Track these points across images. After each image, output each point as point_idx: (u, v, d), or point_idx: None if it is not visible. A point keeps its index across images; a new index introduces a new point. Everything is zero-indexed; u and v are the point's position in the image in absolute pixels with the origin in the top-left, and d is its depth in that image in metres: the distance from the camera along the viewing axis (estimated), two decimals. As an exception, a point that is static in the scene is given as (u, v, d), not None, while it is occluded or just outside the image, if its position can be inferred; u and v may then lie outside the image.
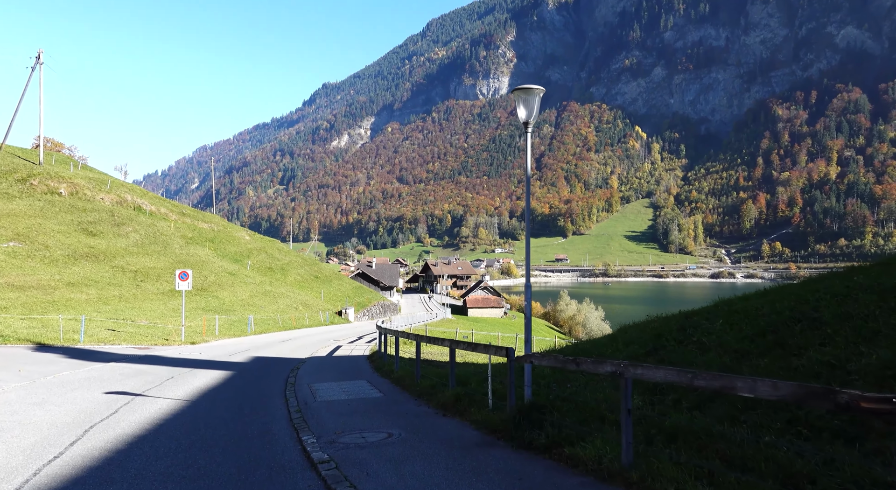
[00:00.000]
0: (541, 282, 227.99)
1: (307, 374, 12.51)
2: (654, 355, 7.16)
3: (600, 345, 9.02)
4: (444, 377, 9.37)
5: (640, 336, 8.63)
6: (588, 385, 6.95)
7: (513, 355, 6.07)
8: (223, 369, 13.24)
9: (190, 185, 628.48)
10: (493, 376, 8.92)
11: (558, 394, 6.73)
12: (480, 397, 7.19)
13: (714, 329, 7.16)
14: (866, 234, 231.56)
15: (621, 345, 8.50)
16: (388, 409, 7.95)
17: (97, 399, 8.90)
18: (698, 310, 8.93)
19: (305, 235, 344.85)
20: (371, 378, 11.66)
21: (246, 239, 59.95)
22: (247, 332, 28.24)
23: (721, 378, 3.63)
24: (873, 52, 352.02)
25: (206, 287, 40.69)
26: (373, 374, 12.33)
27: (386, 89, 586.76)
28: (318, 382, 11.04)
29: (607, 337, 9.90)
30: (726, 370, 5.72)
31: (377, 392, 9.65)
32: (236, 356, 16.75)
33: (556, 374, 7.68)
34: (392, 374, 11.31)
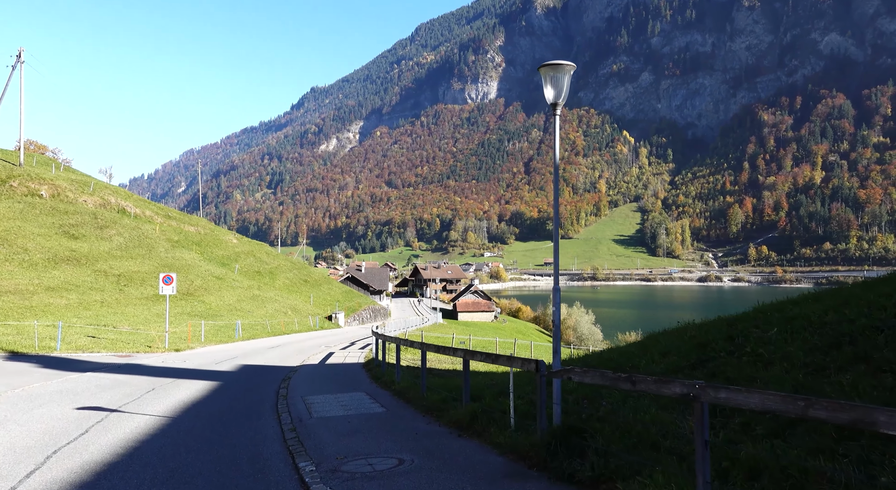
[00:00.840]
0: (530, 285, 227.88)
1: (300, 385, 11.67)
2: (701, 368, 6.35)
3: (630, 354, 8.17)
4: (453, 390, 8.53)
5: (677, 345, 7.78)
6: (626, 402, 6.15)
7: (544, 369, 5.28)
8: (209, 379, 12.33)
9: (177, 189, 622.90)
10: (500, 389, 8.11)
11: (591, 413, 5.96)
12: (499, 415, 6.35)
13: (771, 339, 6.33)
14: (851, 238, 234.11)
15: (657, 355, 7.68)
16: (393, 428, 7.13)
17: (67, 416, 7.98)
18: (741, 316, 8.10)
19: (294, 239, 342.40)
20: (370, 389, 10.83)
21: (233, 242, 58.77)
22: (234, 338, 27.22)
23: (852, 409, 2.79)
24: (856, 59, 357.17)
25: (193, 291, 39.57)
26: (371, 385, 11.50)
27: (375, 93, 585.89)
28: (312, 395, 10.19)
29: (635, 346, 9.06)
30: (802, 389, 4.97)
31: (379, 406, 8.81)
32: (223, 364, 15.81)
33: (582, 388, 6.88)
34: (393, 386, 10.50)
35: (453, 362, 17.39)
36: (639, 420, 5.33)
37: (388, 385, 10.86)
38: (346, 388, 11.22)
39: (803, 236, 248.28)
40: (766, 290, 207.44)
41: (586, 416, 5.76)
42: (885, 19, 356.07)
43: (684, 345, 7.40)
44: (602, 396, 6.50)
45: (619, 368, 7.24)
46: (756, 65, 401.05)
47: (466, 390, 7.24)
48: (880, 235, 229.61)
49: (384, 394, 10.10)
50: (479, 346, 30.13)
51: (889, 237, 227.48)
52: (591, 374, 4.82)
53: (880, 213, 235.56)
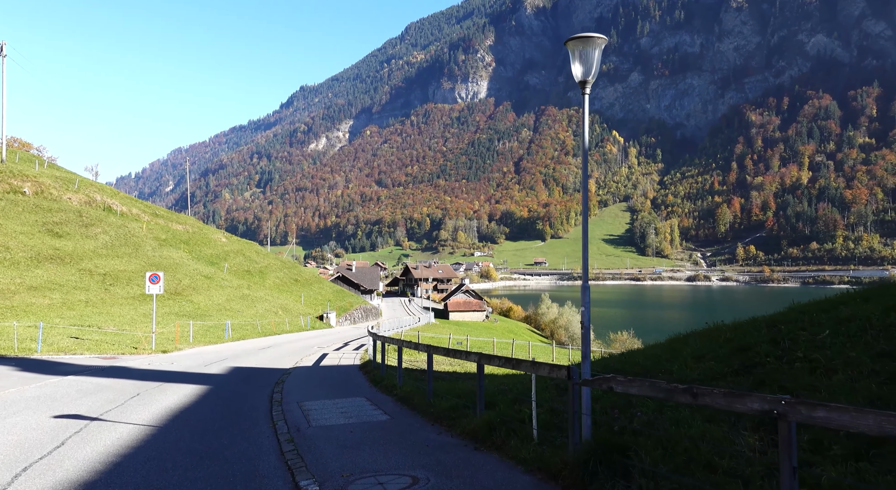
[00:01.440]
0: (519, 285, 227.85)
1: (295, 389, 11.04)
2: (746, 376, 5.77)
3: (656, 358, 7.51)
4: (462, 395, 7.93)
5: (712, 349, 7.15)
6: (662, 412, 5.55)
7: (577, 376, 4.70)
8: (198, 383, 11.68)
9: (164, 188, 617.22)
10: (514, 395, 7.55)
11: (623, 425, 5.36)
12: (518, 425, 5.76)
13: (824, 343, 5.75)
14: (837, 237, 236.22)
15: (689, 360, 7.00)
16: (402, 439, 6.52)
17: (42, 426, 7.32)
18: (779, 317, 7.51)
19: (283, 239, 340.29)
20: (370, 394, 10.21)
21: (222, 241, 57.81)
22: (224, 338, 26.48)
23: None
24: (842, 60, 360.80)
25: (181, 291, 38.71)
26: (371, 390, 10.88)
27: (364, 92, 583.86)
28: (309, 400, 9.57)
29: (660, 348, 8.41)
30: (880, 402, 4.34)
31: (382, 414, 8.20)
32: (213, 366, 15.12)
33: (608, 395, 6.29)
34: (395, 391, 9.89)
35: (451, 363, 16.80)
36: (685, 434, 4.70)
37: (390, 390, 10.26)
38: (345, 392, 10.63)
39: (790, 236, 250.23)
40: (755, 290, 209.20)
41: (619, 429, 5.18)
42: (871, 21, 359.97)
43: (720, 348, 6.76)
44: (632, 405, 5.92)
45: (648, 373, 6.66)
46: (744, 65, 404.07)
47: (481, 398, 6.63)
48: (866, 235, 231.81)
49: (386, 399, 9.51)
50: (475, 347, 29.53)
51: (874, 237, 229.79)
52: (637, 385, 4.18)
53: (866, 213, 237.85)
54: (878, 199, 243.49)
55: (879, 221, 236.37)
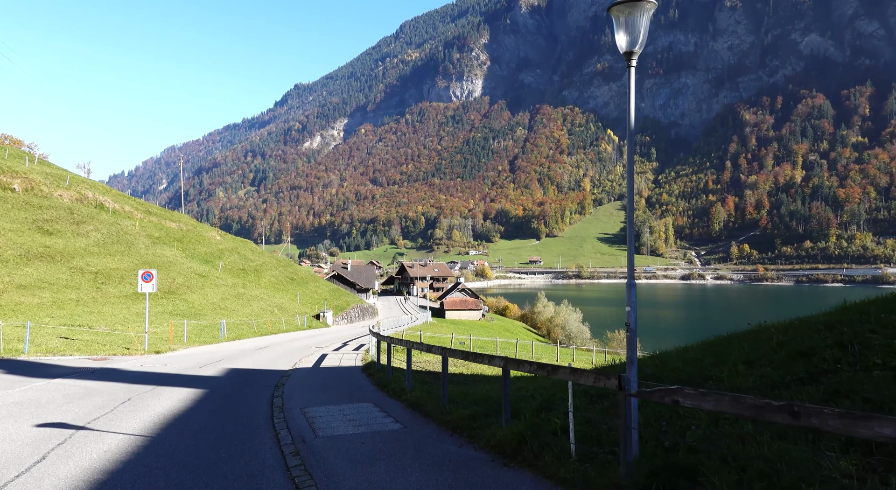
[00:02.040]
0: (515, 283, 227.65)
1: (296, 393, 10.41)
2: (814, 385, 5.14)
3: (698, 363, 6.72)
4: (480, 402, 7.29)
5: (764, 353, 6.49)
6: (717, 425, 4.88)
7: (631, 386, 4.12)
8: (193, 386, 11.05)
9: (158, 186, 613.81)
10: (539, 402, 6.95)
11: (675, 439, 4.71)
12: (551, 438, 5.23)
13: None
14: (830, 236, 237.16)
15: (740, 365, 6.30)
16: (419, 453, 5.87)
17: (23, 436, 6.68)
18: (838, 317, 6.81)
19: (277, 237, 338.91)
20: (377, 399, 9.56)
21: (217, 239, 57.02)
22: (219, 338, 25.81)
23: None
24: (836, 60, 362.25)
25: (174, 289, 37.98)
26: (377, 394, 10.23)
27: (359, 91, 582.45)
28: (312, 406, 8.94)
29: (699, 350, 7.67)
30: None
31: (393, 421, 7.59)
32: (208, 368, 14.48)
33: (648, 405, 5.65)
34: (404, 395, 9.24)
35: (456, 364, 16.20)
36: (756, 454, 4.01)
37: (398, 394, 9.61)
38: (350, 397, 9.99)
39: (784, 235, 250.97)
40: (749, 289, 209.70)
41: (671, 445, 4.55)
42: (864, 20, 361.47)
43: (775, 353, 6.11)
44: (681, 416, 5.30)
45: (692, 381, 6.00)
46: (738, 65, 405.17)
47: (507, 406, 5.99)
48: (859, 234, 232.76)
49: (395, 405, 8.87)
50: (477, 347, 28.91)
51: (867, 235, 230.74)
52: (714, 399, 3.48)
53: (859, 212, 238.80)
54: (871, 198, 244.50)
55: (872, 220, 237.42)
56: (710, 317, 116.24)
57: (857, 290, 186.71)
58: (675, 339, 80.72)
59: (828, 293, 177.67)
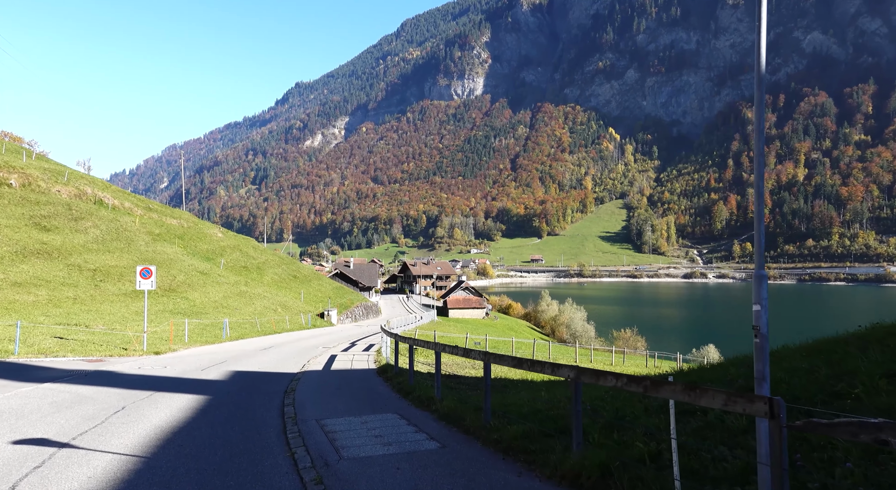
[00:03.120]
0: (516, 282, 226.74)
1: (309, 400, 9.34)
2: None
3: (810, 374, 5.38)
4: (528, 416, 6.15)
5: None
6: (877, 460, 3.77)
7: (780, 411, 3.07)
8: (194, 392, 10.05)
9: (159, 185, 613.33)
10: (607, 420, 5.87)
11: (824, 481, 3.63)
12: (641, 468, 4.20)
13: None
14: (833, 234, 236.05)
15: (879, 378, 5.04)
16: (473, 483, 4.78)
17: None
18: None
19: (278, 236, 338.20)
20: (402, 409, 8.43)
21: (218, 236, 56.00)
22: (221, 338, 24.81)
23: None
24: (838, 58, 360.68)
25: (175, 287, 37.00)
26: (401, 402, 9.08)
27: (360, 89, 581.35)
28: (330, 417, 7.87)
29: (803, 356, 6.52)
30: None
31: (427, 438, 6.49)
32: (210, 371, 13.47)
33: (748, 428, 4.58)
34: (433, 405, 8.13)
35: (474, 366, 15.17)
36: None
37: (426, 404, 8.46)
38: (370, 405, 8.86)
39: (787, 233, 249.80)
40: (750, 286, 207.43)
41: (820, 487, 3.57)
42: (866, 18, 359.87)
43: None
44: (816, 447, 4.21)
45: (814, 399, 4.85)
46: (740, 63, 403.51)
47: (579, 427, 4.79)
48: (861, 232, 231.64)
49: (424, 417, 7.75)
50: (491, 347, 27.79)
51: (870, 234, 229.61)
52: None
53: (862, 211, 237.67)
54: (874, 197, 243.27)
55: (875, 218, 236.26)
56: (714, 315, 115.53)
57: (860, 289, 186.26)
58: (681, 338, 79.91)
59: (831, 292, 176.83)
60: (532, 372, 6.82)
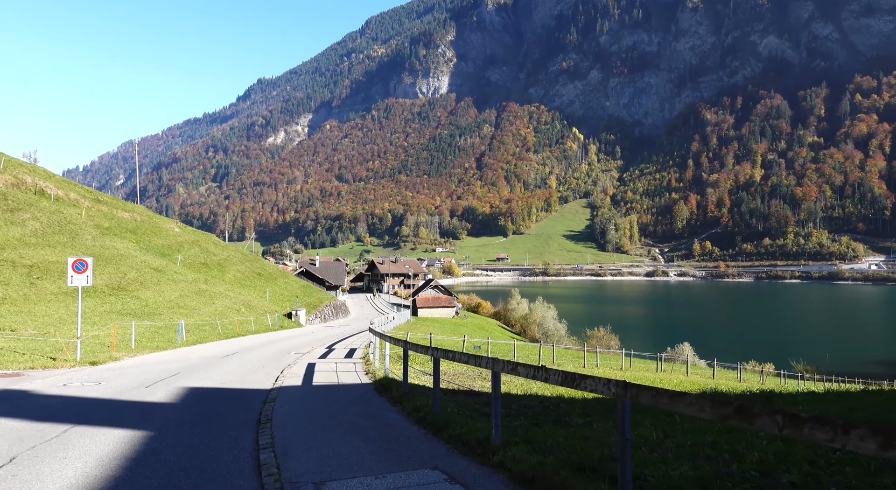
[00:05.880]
0: (482, 281, 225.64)
1: (295, 441, 6.46)
2: None
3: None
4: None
5: None
6: None
7: None
8: (129, 424, 7.20)
9: (115, 182, 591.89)
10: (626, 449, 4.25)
11: None
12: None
13: None
14: (788, 233, 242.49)
15: None
16: None
17: None
18: None
19: (240, 234, 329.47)
20: (441, 459, 5.62)
21: (175, 231, 52.11)
22: (176, 342, 21.71)
23: None
24: (793, 61, 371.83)
25: (125, 286, 33.44)
26: (434, 445, 6.16)
27: (324, 86, 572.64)
28: (335, 477, 5.01)
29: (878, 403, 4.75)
30: None
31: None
32: (158, 388, 10.59)
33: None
34: (493, 454, 5.37)
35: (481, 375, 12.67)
36: None
37: (478, 451, 5.65)
38: (389, 451, 6.01)
39: (744, 232, 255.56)
40: (710, 285, 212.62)
41: None
42: (819, 23, 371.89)
43: None
44: None
45: None
46: (699, 65, 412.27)
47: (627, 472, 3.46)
48: (815, 231, 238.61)
49: (487, 478, 4.92)
50: (496, 352, 25.10)
51: (823, 233, 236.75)
52: None
53: (815, 210, 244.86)
54: (827, 197, 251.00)
55: (828, 218, 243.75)
56: (676, 313, 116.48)
57: (814, 286, 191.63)
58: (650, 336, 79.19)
59: (786, 289, 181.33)
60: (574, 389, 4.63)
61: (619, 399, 4.30)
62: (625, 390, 4.26)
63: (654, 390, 4.01)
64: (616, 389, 4.35)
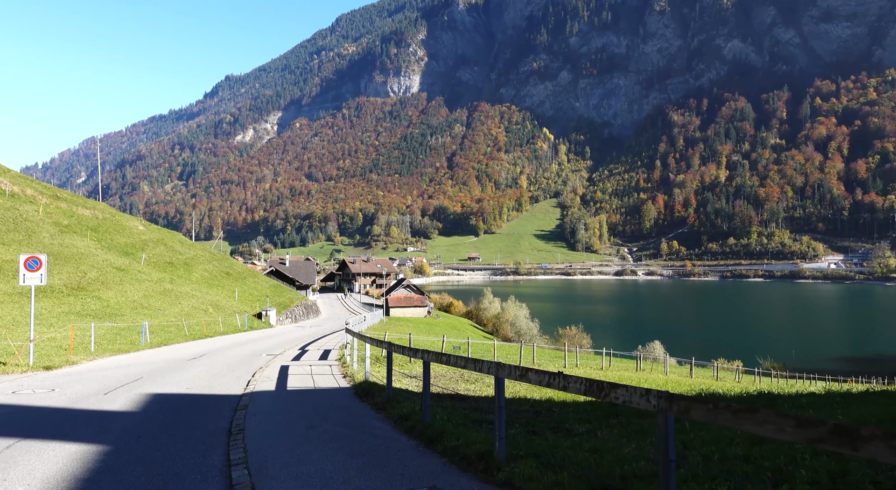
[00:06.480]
0: (454, 280, 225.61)
1: (272, 457, 5.77)
2: None
3: None
4: None
5: None
6: None
7: None
8: (83, 438, 6.38)
9: (76, 179, 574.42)
10: None
11: None
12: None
13: None
14: (752, 233, 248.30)
15: None
16: None
17: None
18: None
19: (207, 233, 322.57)
20: (438, 475, 5.02)
21: (139, 229, 50.31)
22: (139, 345, 20.67)
23: None
24: (756, 65, 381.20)
25: (85, 285, 31.98)
26: (428, 459, 5.57)
27: (294, 84, 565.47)
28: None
29: None
30: None
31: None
32: (118, 395, 9.76)
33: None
34: (498, 470, 4.81)
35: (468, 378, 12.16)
36: None
37: (479, 466, 5.06)
38: (379, 467, 5.33)
39: (710, 231, 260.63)
40: (677, 284, 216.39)
41: None
42: (781, 28, 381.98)
43: None
44: None
45: None
46: (667, 67, 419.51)
47: None
48: (777, 231, 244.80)
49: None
50: (476, 353, 24.52)
51: (785, 232, 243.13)
52: None
53: (777, 210, 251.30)
54: (788, 197, 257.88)
55: (790, 218, 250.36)
56: (645, 311, 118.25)
57: (777, 285, 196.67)
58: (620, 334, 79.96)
59: (750, 288, 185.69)
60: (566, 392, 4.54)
61: (662, 413, 3.77)
62: (670, 403, 3.72)
63: (709, 402, 3.39)
64: (658, 401, 3.79)
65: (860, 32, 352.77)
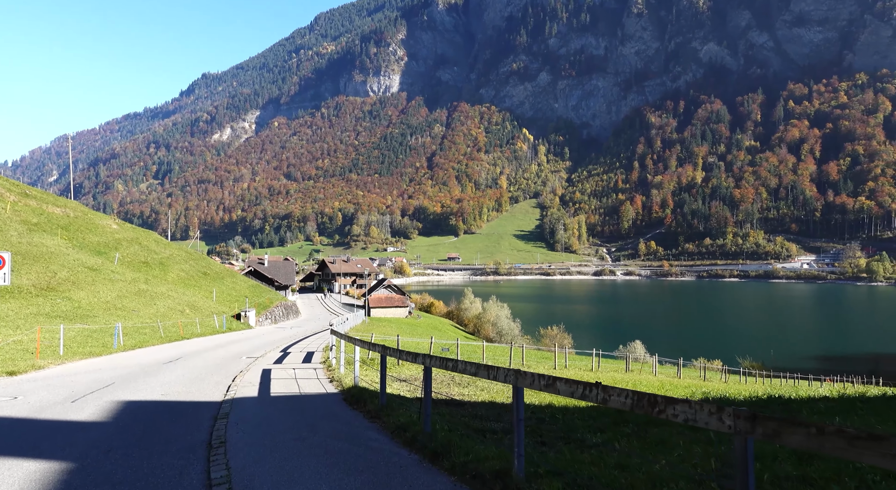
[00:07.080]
0: (434, 280, 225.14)
1: (257, 473, 5.15)
2: None
3: None
4: None
5: None
6: None
7: None
8: (44, 454, 5.55)
9: (48, 178, 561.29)
10: None
11: None
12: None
13: None
14: (728, 234, 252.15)
15: None
16: None
17: None
18: None
19: (184, 233, 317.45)
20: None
21: (113, 228, 48.87)
22: (112, 347, 19.79)
23: None
24: (731, 68, 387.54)
25: (55, 286, 30.81)
26: (435, 477, 4.90)
27: (272, 82, 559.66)
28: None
29: None
30: None
31: None
32: (86, 402, 9.06)
33: None
34: None
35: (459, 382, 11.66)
36: None
37: (485, 481, 4.48)
38: (377, 485, 4.79)
39: (687, 232, 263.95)
40: (655, 284, 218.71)
41: None
42: (755, 32, 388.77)
43: None
44: None
45: None
46: (644, 69, 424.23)
47: None
48: (752, 231, 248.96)
49: None
50: (465, 354, 23.97)
51: (759, 233, 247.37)
52: None
53: (752, 211, 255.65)
54: (763, 198, 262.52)
55: (764, 219, 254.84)
56: (628, 311, 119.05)
57: (751, 285, 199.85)
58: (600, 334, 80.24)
59: (725, 288, 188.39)
60: None
61: (741, 436, 3.06)
62: (752, 424, 3.02)
63: (811, 427, 2.65)
64: (735, 422, 3.08)
65: (831, 37, 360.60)
